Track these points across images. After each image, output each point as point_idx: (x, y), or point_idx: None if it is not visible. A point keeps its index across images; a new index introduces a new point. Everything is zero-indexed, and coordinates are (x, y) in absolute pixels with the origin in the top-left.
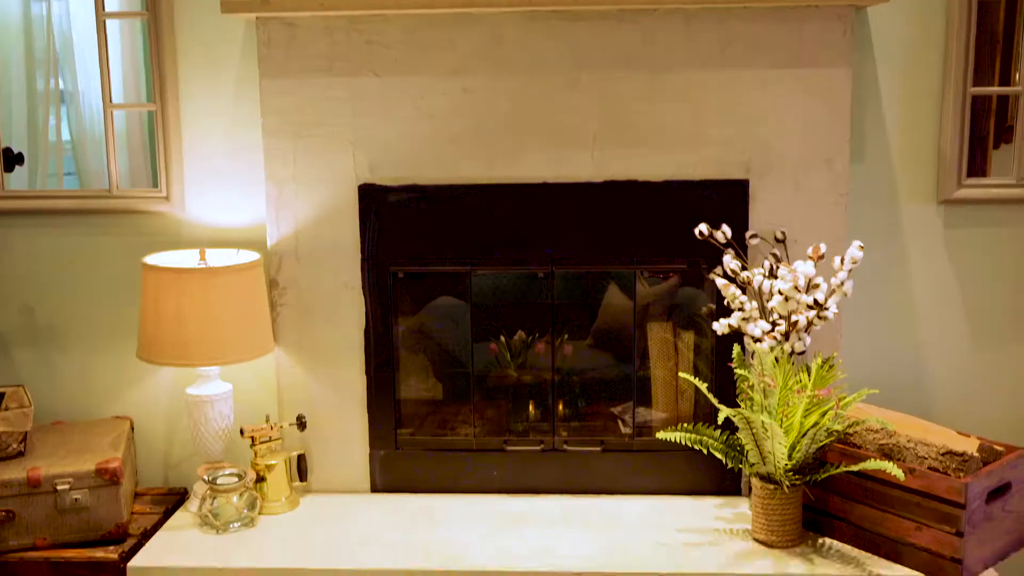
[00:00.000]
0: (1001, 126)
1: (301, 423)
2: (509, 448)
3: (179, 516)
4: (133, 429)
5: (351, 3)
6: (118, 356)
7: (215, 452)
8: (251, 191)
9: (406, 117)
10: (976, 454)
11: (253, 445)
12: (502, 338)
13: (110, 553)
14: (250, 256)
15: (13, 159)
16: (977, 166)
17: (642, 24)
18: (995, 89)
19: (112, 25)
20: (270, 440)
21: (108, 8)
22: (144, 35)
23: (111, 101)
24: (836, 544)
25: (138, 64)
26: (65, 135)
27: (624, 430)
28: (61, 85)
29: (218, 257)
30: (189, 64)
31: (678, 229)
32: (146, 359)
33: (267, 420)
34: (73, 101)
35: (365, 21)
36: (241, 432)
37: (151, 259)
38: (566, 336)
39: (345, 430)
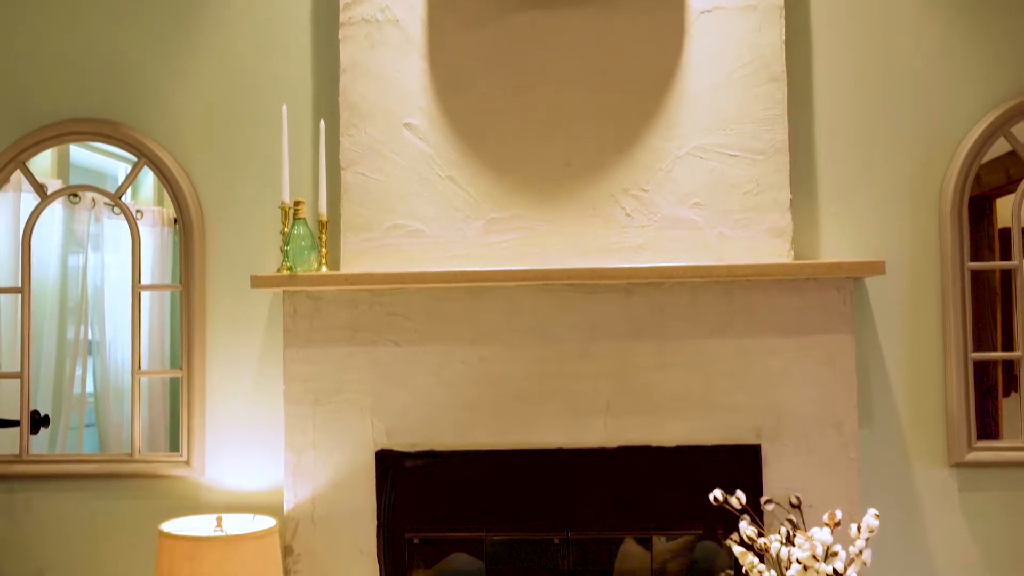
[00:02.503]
0: (1009, 374)
1: None
2: None
3: None
4: None
5: (374, 278)
6: None
7: None
8: (270, 455)
9: (424, 384)
10: None
11: None
12: None
13: None
14: (266, 522)
15: (39, 421)
16: (990, 415)
17: (651, 297)
18: (997, 355)
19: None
20: None
21: (144, 280)
22: (173, 303)
23: (140, 368)
24: None
25: (164, 324)
26: (89, 386)
27: None
28: (90, 336)
29: (234, 523)
30: (216, 332)
31: (692, 493)
32: None
33: None
34: (100, 352)
35: (387, 294)
36: None
37: (167, 526)
38: None
39: None
